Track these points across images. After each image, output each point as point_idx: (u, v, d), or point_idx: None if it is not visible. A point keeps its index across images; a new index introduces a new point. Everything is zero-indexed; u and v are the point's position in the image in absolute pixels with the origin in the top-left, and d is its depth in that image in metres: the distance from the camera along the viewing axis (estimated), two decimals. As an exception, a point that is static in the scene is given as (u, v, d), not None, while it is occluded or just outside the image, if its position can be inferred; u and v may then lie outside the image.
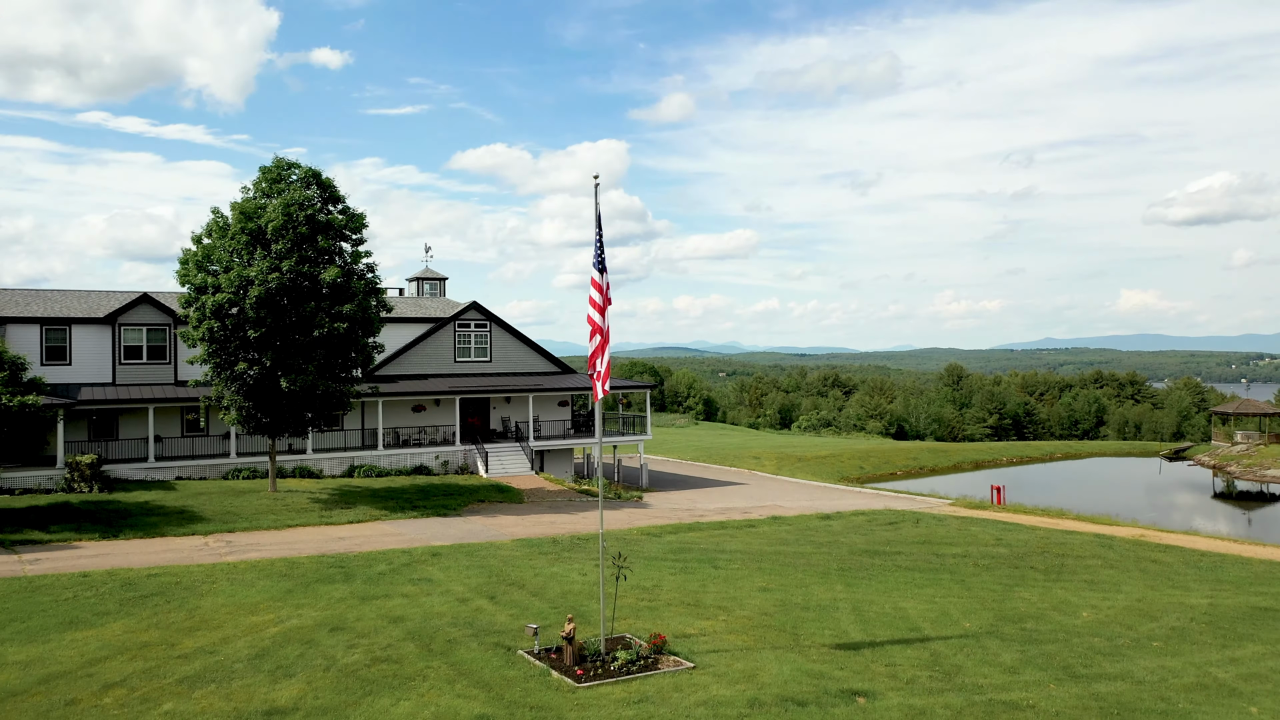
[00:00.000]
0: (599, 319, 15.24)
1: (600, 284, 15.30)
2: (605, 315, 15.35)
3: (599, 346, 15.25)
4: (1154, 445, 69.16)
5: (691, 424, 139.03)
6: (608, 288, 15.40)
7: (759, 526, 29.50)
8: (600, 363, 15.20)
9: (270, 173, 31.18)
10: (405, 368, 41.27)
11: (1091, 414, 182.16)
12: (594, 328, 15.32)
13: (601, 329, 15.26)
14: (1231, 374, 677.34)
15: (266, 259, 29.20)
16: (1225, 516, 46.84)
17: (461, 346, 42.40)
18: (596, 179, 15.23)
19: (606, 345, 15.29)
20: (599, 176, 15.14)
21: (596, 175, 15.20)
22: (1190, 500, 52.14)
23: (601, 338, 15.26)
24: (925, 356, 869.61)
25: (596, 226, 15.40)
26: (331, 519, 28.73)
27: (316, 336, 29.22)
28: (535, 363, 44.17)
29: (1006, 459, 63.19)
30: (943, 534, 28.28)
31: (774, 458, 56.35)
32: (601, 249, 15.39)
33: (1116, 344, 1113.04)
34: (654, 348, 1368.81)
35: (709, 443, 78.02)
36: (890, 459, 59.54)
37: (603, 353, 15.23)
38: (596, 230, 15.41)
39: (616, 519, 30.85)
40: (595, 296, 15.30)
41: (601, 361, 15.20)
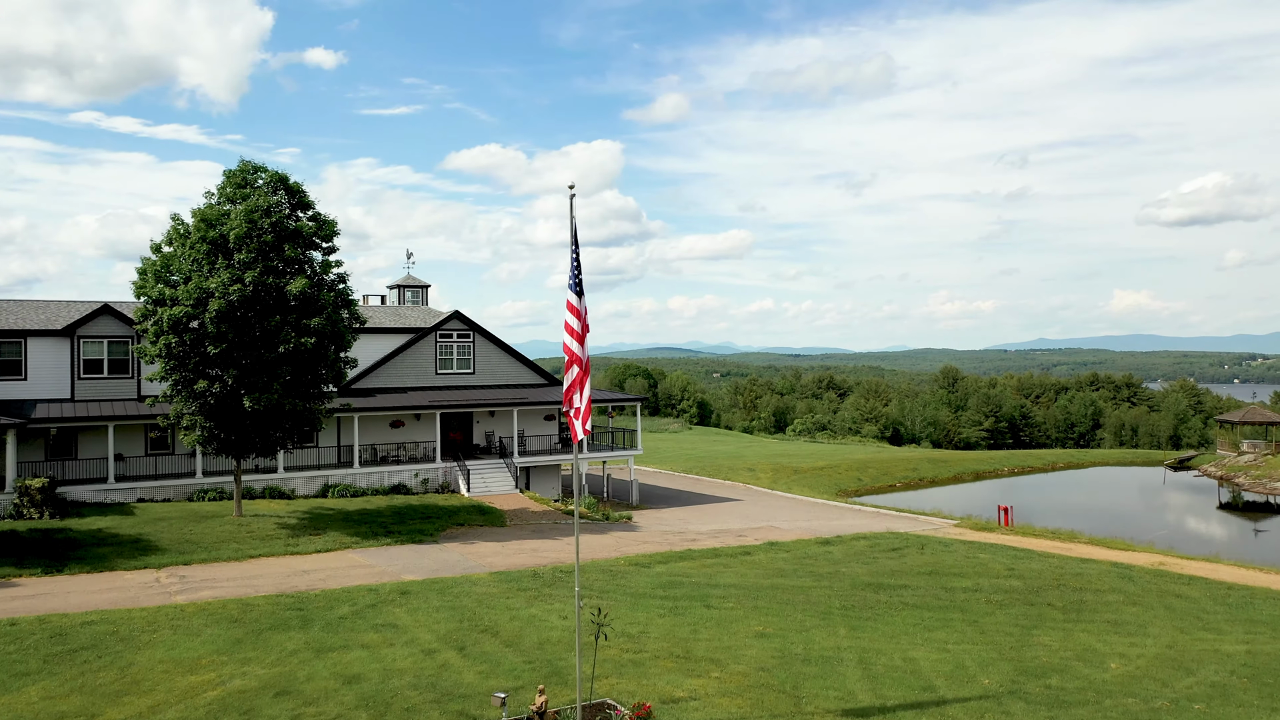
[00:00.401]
0: (577, 348, 13.45)
1: (577, 308, 13.50)
2: (584, 344, 13.56)
3: (577, 379, 13.44)
4: (1157, 454, 67.67)
5: (685, 428, 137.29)
6: (585, 313, 13.61)
7: (755, 554, 27.74)
8: (579, 397, 13.40)
9: (235, 177, 29.33)
10: (384, 380, 39.42)
11: (1088, 417, 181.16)
12: (571, 358, 13.53)
13: (580, 360, 13.47)
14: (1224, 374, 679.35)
15: (228, 269, 27.35)
16: (1235, 529, 45.28)
17: (443, 358, 40.56)
18: (572, 189, 13.46)
19: (586, 378, 13.49)
20: (574, 186, 13.38)
21: (572, 185, 13.43)
22: (1198, 513, 50.58)
23: (580, 369, 13.46)
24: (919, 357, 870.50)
25: (572, 243, 13.60)
26: (298, 547, 26.87)
27: (282, 352, 27.38)
28: (520, 374, 42.35)
29: (1008, 469, 61.58)
30: (950, 562, 26.55)
31: (769, 469, 54.63)
32: (578, 268, 13.60)
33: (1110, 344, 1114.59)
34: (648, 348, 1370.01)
35: (703, 451, 76.28)
36: (889, 470, 57.88)
37: (581, 387, 13.43)
38: (572, 247, 13.61)
39: (603, 546, 29.06)
40: (572, 322, 13.50)
41: (580, 396, 13.40)
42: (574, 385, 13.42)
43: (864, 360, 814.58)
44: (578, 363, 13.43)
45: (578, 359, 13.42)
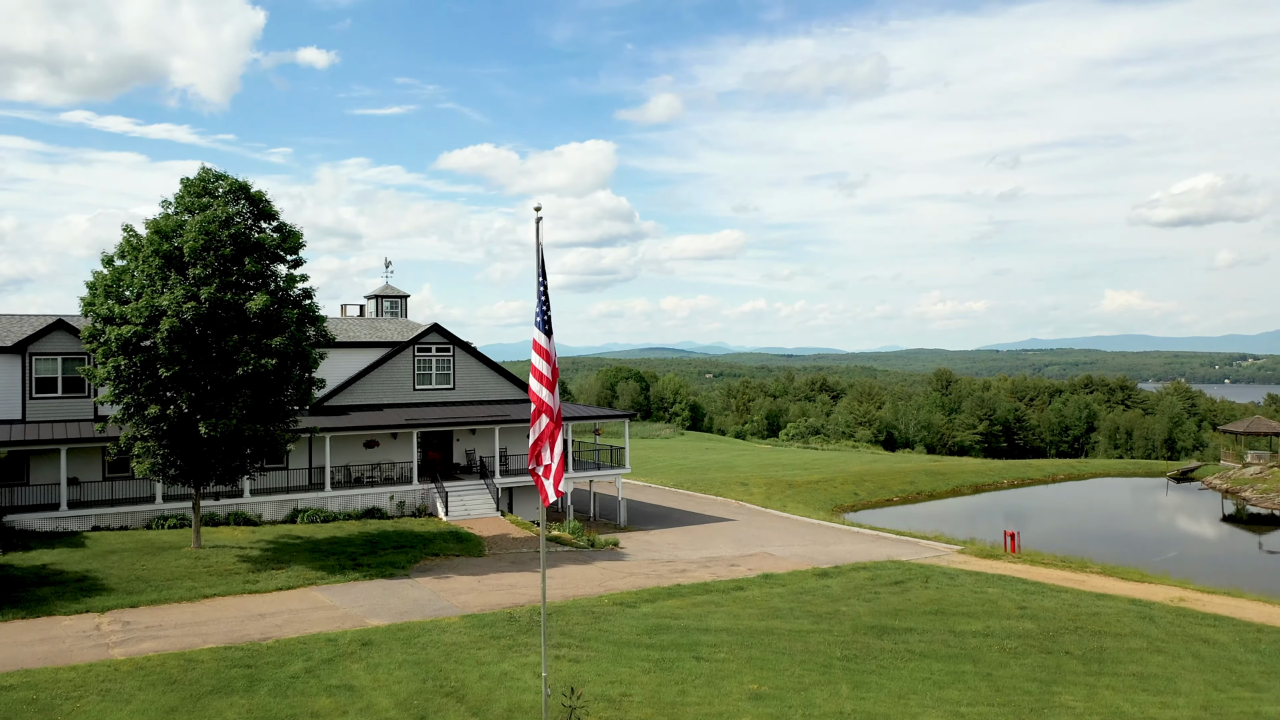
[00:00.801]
0: (546, 396, 11.63)
1: (546, 350, 11.69)
2: (555, 390, 11.74)
3: (546, 432, 11.61)
4: (1159, 465, 66.16)
5: (677, 434, 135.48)
6: (554, 355, 11.80)
7: (748, 589, 25.95)
8: (549, 454, 11.57)
9: (194, 185, 27.43)
10: (359, 397, 37.53)
11: (1082, 420, 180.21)
12: (539, 406, 11.71)
13: (550, 409, 11.64)
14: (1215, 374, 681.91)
15: (182, 286, 25.44)
16: (1244, 548, 43.79)
17: (422, 373, 38.69)
18: (538, 210, 11.68)
19: (559, 432, 11.66)
20: (541, 209, 11.60)
21: (538, 207, 11.65)
22: (1205, 529, 49.06)
23: (549, 420, 11.63)
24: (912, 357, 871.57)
25: (539, 275, 11.79)
26: (257, 585, 24.97)
27: (241, 374, 25.48)
28: (503, 389, 40.49)
29: (1007, 481, 59.96)
30: (957, 599, 24.81)
31: (763, 483, 52.89)
32: (546, 304, 11.78)
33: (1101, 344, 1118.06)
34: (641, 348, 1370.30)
35: (694, 460, 74.54)
36: (886, 483, 56.21)
37: (552, 442, 11.59)
38: (540, 279, 11.80)
39: (586, 579, 27.23)
40: (539, 365, 11.69)
41: (551, 453, 11.57)
42: (542, 439, 11.60)
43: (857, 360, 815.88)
44: (547, 412, 11.62)
45: (547, 408, 11.60)
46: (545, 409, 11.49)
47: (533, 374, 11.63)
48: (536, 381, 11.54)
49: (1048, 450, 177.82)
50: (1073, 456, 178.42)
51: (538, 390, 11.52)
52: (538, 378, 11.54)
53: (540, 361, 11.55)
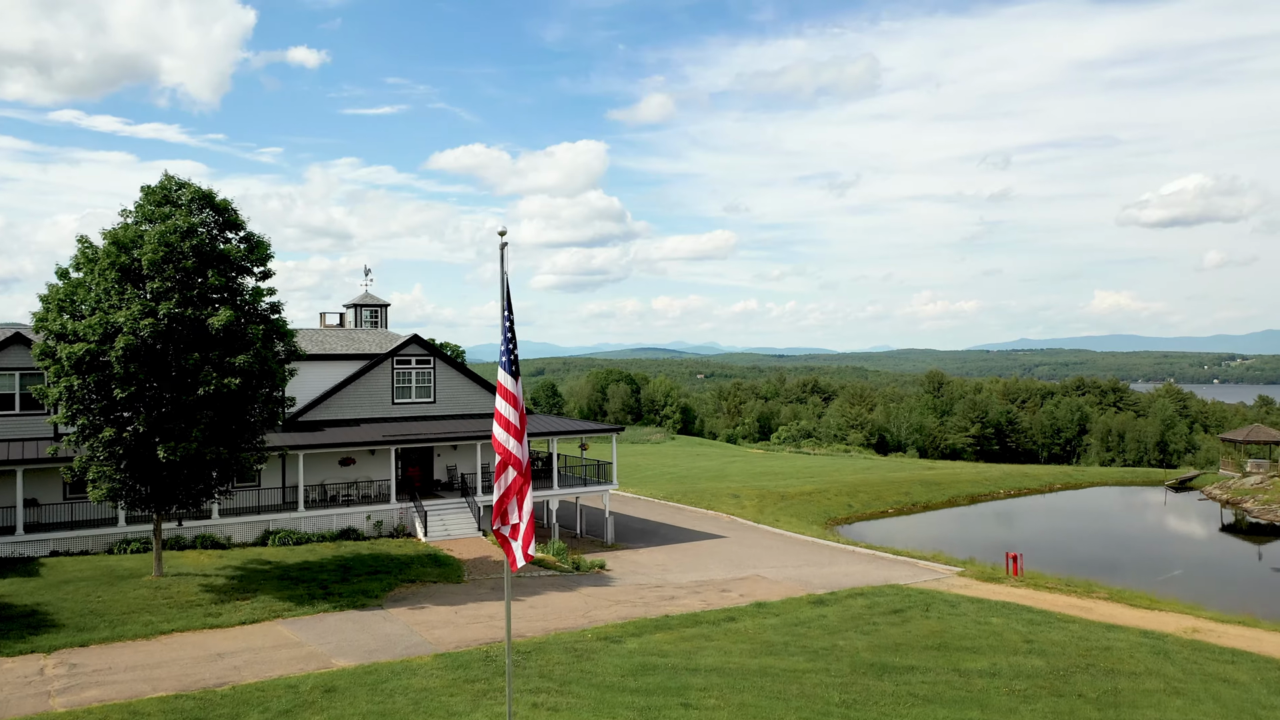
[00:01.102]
0: (513, 446, 10.23)
1: (513, 394, 10.29)
2: (524, 439, 10.36)
3: (514, 486, 10.22)
4: (1157, 473, 65.09)
5: (668, 438, 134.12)
6: (521, 399, 10.41)
7: (740, 620, 24.62)
8: (516, 512, 10.18)
9: (154, 194, 25.95)
10: (334, 412, 36.04)
11: (1074, 422, 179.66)
12: (504, 457, 10.31)
13: (518, 461, 10.25)
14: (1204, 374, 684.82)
15: (139, 300, 23.96)
16: (1247, 561, 42.75)
17: (401, 386, 37.23)
18: (503, 234, 10.32)
19: (528, 488, 10.27)
20: (506, 233, 10.25)
21: (503, 231, 10.30)
22: (1206, 541, 48.03)
23: (517, 474, 10.24)
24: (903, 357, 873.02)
25: (504, 308, 10.41)
26: (220, 618, 23.52)
27: (203, 395, 24.01)
28: (486, 403, 39.01)
29: (1003, 491, 58.79)
30: (960, 631, 23.53)
31: (754, 495, 51.59)
32: (512, 339, 10.41)
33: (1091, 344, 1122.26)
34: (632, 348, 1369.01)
35: (684, 468, 73.19)
36: (880, 494, 54.98)
37: (520, 498, 10.21)
38: (505, 313, 10.42)
39: (570, 609, 25.86)
40: (505, 411, 10.30)
41: (519, 511, 10.18)
42: (509, 494, 10.19)
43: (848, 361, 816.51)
44: (515, 465, 10.22)
45: (515, 460, 10.21)
46: (513, 461, 10.11)
47: (497, 421, 10.25)
48: (502, 430, 10.16)
49: (1040, 453, 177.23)
50: (1065, 459, 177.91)
51: (503, 440, 10.14)
52: (504, 426, 10.16)
53: (506, 407, 10.17)
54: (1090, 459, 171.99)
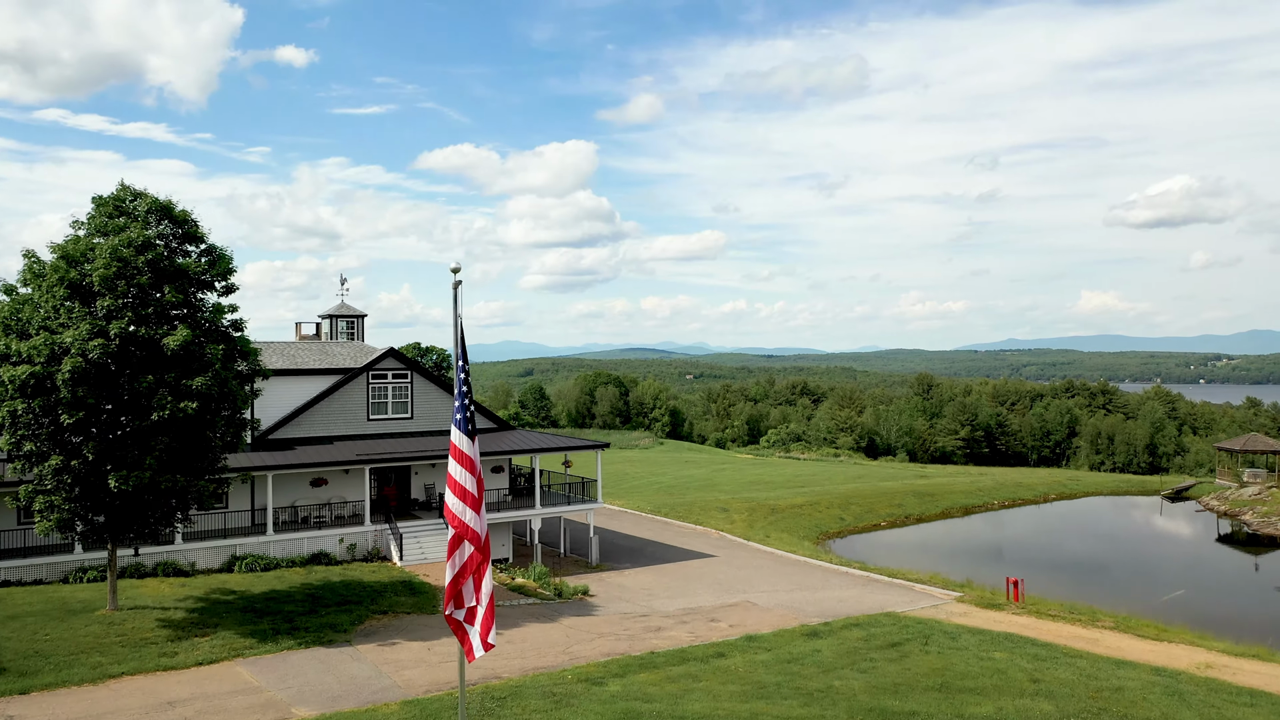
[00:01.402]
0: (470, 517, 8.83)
1: (468, 455, 8.91)
2: (481, 510, 8.96)
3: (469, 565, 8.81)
4: (1153, 482, 64.12)
5: (656, 444, 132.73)
6: (478, 462, 9.02)
7: (730, 656, 23.27)
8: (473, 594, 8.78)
9: (107, 205, 24.43)
10: (307, 429, 34.52)
11: (1063, 425, 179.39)
12: (458, 529, 8.91)
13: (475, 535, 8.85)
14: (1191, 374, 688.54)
15: (89, 319, 22.44)
16: (1247, 576, 41.76)
17: (376, 402, 35.74)
18: (456, 271, 8.95)
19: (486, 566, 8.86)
20: (460, 269, 8.89)
21: (456, 267, 8.95)
22: (1205, 555, 47.06)
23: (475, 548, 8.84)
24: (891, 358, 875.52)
25: (459, 357, 9.03)
26: (175, 658, 22.02)
27: (157, 420, 22.50)
28: (466, 418, 37.65)
29: (998, 502, 57.68)
30: (962, 668, 22.25)
31: (744, 509, 50.29)
32: (468, 396, 9.02)
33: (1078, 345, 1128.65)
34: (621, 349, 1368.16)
35: (673, 476, 71.87)
36: (873, 506, 53.78)
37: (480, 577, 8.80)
38: (459, 363, 9.05)
39: (550, 643, 24.46)
40: (459, 476, 8.90)
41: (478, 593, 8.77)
42: (465, 573, 8.79)
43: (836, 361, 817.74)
44: (472, 539, 8.81)
45: (472, 533, 8.80)
46: (469, 535, 8.73)
47: (450, 487, 8.87)
48: (456, 498, 8.78)
49: (1029, 455, 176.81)
50: (1054, 461, 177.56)
51: (458, 510, 8.75)
52: (458, 493, 8.78)
53: (461, 472, 8.79)
54: (1080, 461, 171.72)
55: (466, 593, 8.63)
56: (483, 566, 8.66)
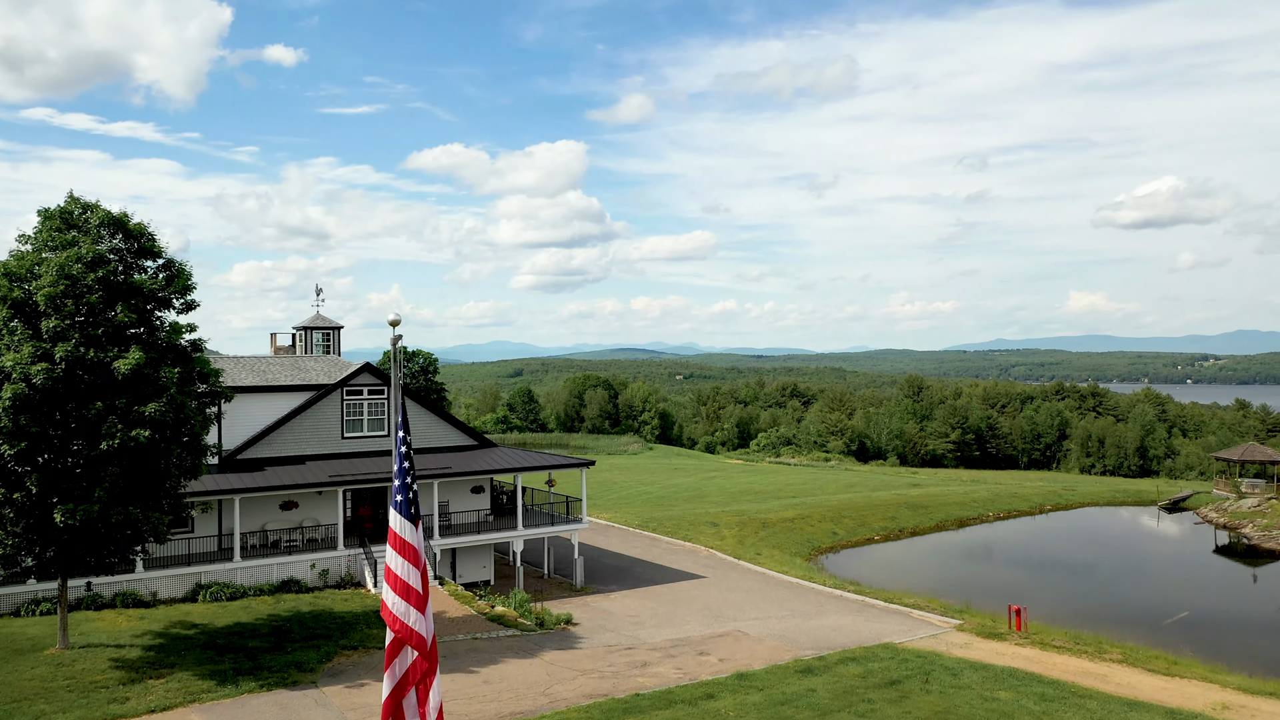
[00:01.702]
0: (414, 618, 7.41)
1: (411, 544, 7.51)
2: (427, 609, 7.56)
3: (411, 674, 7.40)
4: (1148, 491, 63.09)
5: (645, 449, 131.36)
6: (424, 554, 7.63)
7: (719, 698, 21.91)
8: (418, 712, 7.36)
9: (53, 219, 22.91)
10: (278, 447, 33.03)
11: (1054, 427, 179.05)
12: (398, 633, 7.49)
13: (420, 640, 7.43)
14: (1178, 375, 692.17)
15: (32, 342, 20.93)
16: (1252, 595, 40.74)
17: (351, 419, 34.26)
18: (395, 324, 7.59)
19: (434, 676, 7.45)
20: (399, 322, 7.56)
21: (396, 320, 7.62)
22: (1205, 569, 46.08)
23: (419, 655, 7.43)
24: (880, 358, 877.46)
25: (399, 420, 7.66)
26: (125, 706, 20.51)
27: (107, 449, 21.02)
28: (445, 435, 36.13)
29: (993, 514, 56.55)
30: (965, 710, 20.97)
31: (734, 523, 48.98)
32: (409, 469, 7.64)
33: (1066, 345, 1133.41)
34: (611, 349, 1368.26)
35: (662, 485, 70.53)
36: (865, 519, 52.55)
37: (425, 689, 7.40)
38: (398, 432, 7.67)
39: (528, 684, 23.05)
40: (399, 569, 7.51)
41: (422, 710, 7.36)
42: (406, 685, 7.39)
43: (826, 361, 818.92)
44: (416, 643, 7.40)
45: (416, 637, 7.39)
46: (413, 638, 7.35)
47: (388, 581, 7.48)
48: (396, 595, 7.38)
49: (1020, 458, 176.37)
50: (1045, 464, 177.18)
51: (399, 610, 7.37)
52: (399, 589, 7.40)
53: (401, 564, 7.41)
54: (1070, 464, 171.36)
55: (408, 710, 7.26)
56: (429, 678, 7.30)
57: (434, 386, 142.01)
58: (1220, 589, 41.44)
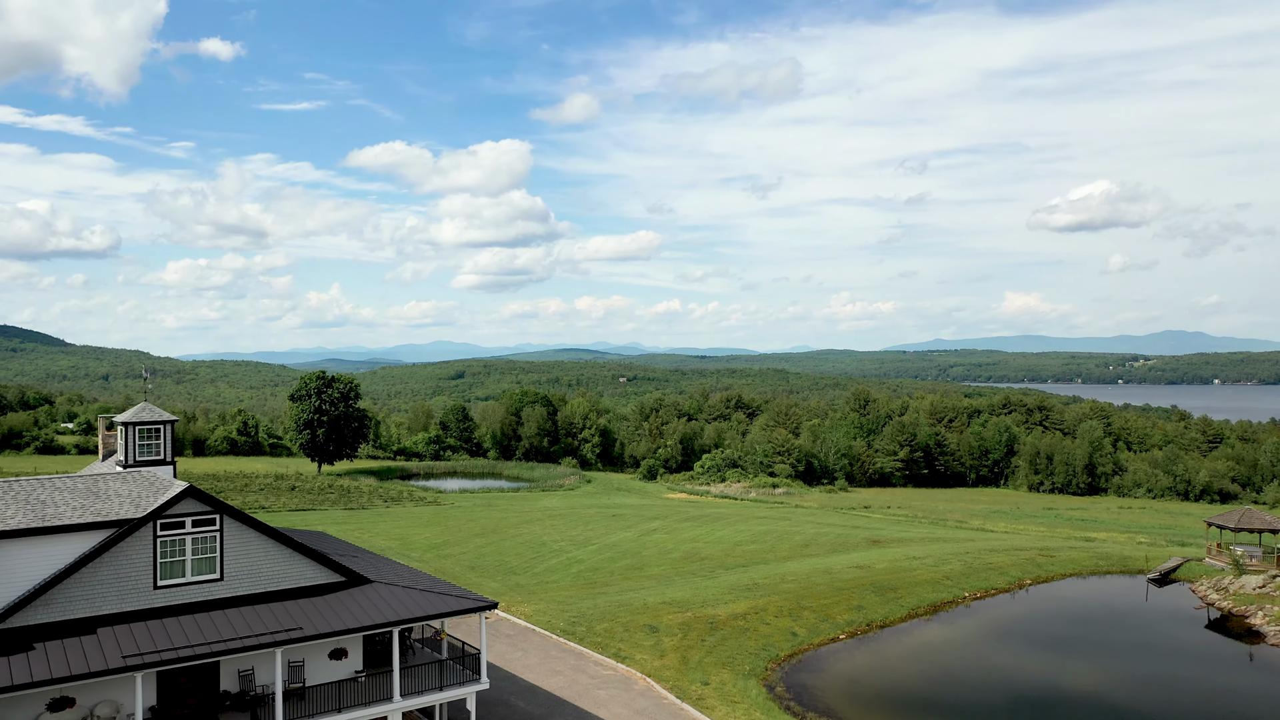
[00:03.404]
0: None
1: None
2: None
3: None
4: (1133, 558, 57.22)
5: (582, 483, 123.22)
6: None
7: None
8: None
9: None
10: (59, 609, 24.32)
11: (1002, 443, 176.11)
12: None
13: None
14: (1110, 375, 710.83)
15: None
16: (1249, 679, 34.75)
17: (169, 562, 25.69)
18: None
19: None
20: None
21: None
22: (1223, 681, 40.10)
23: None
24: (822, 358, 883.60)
25: None
26: None
27: None
28: (300, 573, 27.66)
29: (968, 593, 50.07)
30: None
31: (678, 628, 41.41)
32: None
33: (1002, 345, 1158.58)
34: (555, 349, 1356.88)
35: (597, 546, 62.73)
36: (829, 611, 45.39)
37: None
38: None
39: None
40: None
41: None
42: None
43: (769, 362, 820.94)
44: None
45: None
46: None
47: None
48: None
49: (968, 475, 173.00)
50: (993, 481, 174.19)
51: None
52: None
53: None
54: (1019, 481, 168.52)
55: None
56: None
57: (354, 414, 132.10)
58: (1243, 703, 35.32)
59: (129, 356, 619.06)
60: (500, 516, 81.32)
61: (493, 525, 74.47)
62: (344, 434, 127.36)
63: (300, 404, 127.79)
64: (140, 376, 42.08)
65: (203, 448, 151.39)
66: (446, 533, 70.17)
